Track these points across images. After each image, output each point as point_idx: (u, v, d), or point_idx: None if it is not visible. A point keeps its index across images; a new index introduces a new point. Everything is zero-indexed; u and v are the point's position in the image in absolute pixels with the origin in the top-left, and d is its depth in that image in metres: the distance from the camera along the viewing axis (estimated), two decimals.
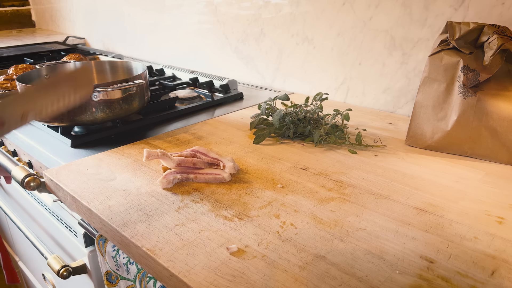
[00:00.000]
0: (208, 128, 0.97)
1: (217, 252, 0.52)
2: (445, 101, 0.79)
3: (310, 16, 1.19)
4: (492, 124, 0.75)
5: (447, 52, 0.77)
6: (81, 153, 0.85)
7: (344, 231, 0.56)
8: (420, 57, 0.99)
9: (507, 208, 0.61)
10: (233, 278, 0.47)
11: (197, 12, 1.56)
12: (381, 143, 0.86)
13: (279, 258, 0.50)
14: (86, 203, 0.64)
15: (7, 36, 2.46)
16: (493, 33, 0.73)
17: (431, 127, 0.81)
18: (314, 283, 0.46)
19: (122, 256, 0.64)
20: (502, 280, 0.46)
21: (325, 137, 0.85)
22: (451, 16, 0.92)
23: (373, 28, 1.06)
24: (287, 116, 0.91)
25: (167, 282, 0.50)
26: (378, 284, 0.46)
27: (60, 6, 2.42)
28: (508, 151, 0.75)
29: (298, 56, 1.27)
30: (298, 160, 0.78)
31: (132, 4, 1.87)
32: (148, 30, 1.84)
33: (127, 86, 0.88)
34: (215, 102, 1.18)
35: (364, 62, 1.11)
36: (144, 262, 0.54)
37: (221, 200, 0.64)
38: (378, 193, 0.66)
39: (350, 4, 1.09)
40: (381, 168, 0.75)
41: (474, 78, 0.74)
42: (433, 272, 0.48)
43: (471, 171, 0.74)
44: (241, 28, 1.41)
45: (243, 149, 0.84)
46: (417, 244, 0.53)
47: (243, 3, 1.37)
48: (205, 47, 1.58)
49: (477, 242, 0.53)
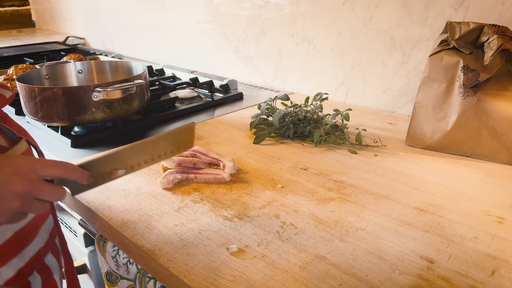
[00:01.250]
0: (208, 128, 0.97)
1: (217, 252, 0.52)
2: (445, 101, 0.79)
3: (310, 16, 1.19)
4: (492, 124, 0.75)
5: (447, 52, 0.77)
6: (81, 153, 0.85)
7: (344, 231, 0.56)
8: (420, 57, 0.99)
9: (507, 208, 0.61)
10: (233, 278, 0.47)
11: (197, 12, 1.56)
12: (381, 143, 0.86)
13: (279, 258, 0.50)
14: (86, 203, 0.64)
15: (7, 36, 2.46)
16: (493, 33, 0.73)
17: (431, 127, 0.81)
18: (314, 283, 0.46)
19: (122, 256, 0.64)
20: (502, 280, 0.46)
21: (325, 137, 0.85)
22: (451, 16, 0.92)
23: (373, 28, 1.06)
24: (287, 116, 0.91)
25: (167, 282, 0.50)
26: (378, 284, 0.46)
27: (60, 6, 2.42)
28: (508, 151, 0.75)
29: (298, 56, 1.27)
30: (298, 160, 0.78)
31: (132, 4, 1.87)
32: (148, 30, 1.84)
33: (127, 86, 0.88)
34: (215, 102, 1.18)
35: (364, 62, 1.11)
36: (144, 262, 0.54)
37: (221, 200, 0.64)
38: (378, 193, 0.66)
39: (350, 4, 1.09)
40: (381, 168, 0.75)
41: (474, 78, 0.74)
42: (433, 272, 0.48)
43: (471, 171, 0.74)
44: (241, 28, 1.41)
45: (243, 149, 0.84)
46: (417, 244, 0.53)
47: (243, 3, 1.37)
48: (205, 47, 1.58)
49: (477, 242, 0.53)
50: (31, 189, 0.41)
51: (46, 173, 0.43)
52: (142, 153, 0.52)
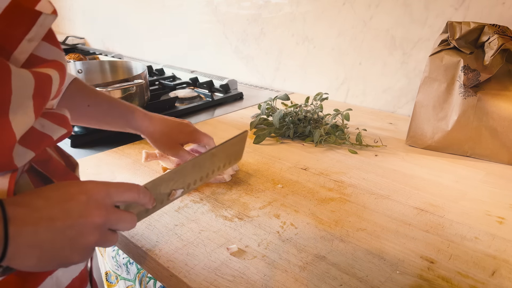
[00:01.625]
0: (208, 128, 0.97)
1: (217, 252, 0.51)
2: (446, 101, 0.79)
3: (310, 16, 1.19)
4: (492, 124, 0.75)
5: (448, 52, 0.77)
6: (81, 153, 0.85)
7: (345, 231, 0.56)
8: (421, 57, 0.99)
9: (508, 208, 0.61)
10: (233, 279, 0.47)
11: (197, 12, 1.56)
12: (382, 143, 0.86)
13: (279, 258, 0.50)
14: None
15: None
16: (494, 33, 0.72)
17: (432, 127, 0.81)
18: (315, 283, 0.46)
19: (122, 256, 0.64)
20: (503, 280, 0.46)
21: (325, 137, 0.85)
22: (451, 15, 0.92)
23: (374, 27, 1.06)
24: (287, 116, 0.91)
25: (167, 282, 0.50)
26: (378, 284, 0.46)
27: (60, 5, 2.42)
28: (508, 151, 0.75)
29: (298, 56, 1.27)
30: (298, 160, 0.78)
31: (132, 3, 1.87)
32: (148, 30, 1.84)
33: (127, 86, 0.88)
34: (215, 102, 1.18)
35: (364, 62, 1.11)
36: (144, 262, 0.54)
37: (221, 200, 0.64)
38: (378, 193, 0.66)
39: (351, 3, 1.08)
40: (382, 168, 0.75)
41: (475, 78, 0.74)
42: (434, 272, 0.47)
43: (472, 171, 0.74)
44: (241, 27, 1.40)
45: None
46: (417, 244, 0.53)
47: (243, 2, 1.37)
48: (205, 47, 1.58)
49: (478, 242, 0.53)
50: (109, 219, 0.36)
51: (121, 198, 0.38)
52: (200, 168, 0.49)
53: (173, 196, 0.47)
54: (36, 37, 0.35)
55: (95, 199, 0.35)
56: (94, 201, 0.35)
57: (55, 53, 0.39)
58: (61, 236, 0.33)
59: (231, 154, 0.55)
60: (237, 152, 0.56)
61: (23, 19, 0.33)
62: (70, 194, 0.35)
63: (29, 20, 0.34)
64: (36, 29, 0.34)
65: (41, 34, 0.36)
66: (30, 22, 0.34)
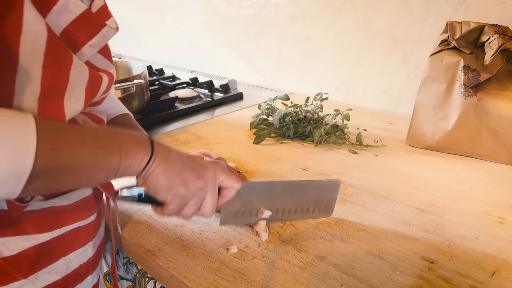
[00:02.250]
0: (208, 128, 0.97)
1: (217, 252, 0.51)
2: (446, 101, 0.79)
3: (310, 16, 1.19)
4: (492, 124, 0.74)
5: (448, 52, 0.77)
6: None
7: (345, 231, 0.55)
8: (421, 57, 0.99)
9: (508, 208, 0.61)
10: (233, 279, 0.47)
11: (197, 12, 1.56)
12: (382, 143, 0.86)
13: (279, 259, 0.50)
14: None
15: None
16: (494, 33, 0.72)
17: (432, 127, 0.81)
18: (315, 283, 0.46)
19: (122, 257, 0.64)
20: (503, 280, 0.46)
21: (326, 137, 0.85)
22: (451, 15, 0.91)
23: (374, 27, 1.06)
24: (287, 116, 0.91)
25: (167, 283, 0.50)
26: (378, 284, 0.46)
27: None
28: (508, 151, 0.75)
29: (298, 56, 1.26)
30: (298, 160, 0.78)
31: (132, 3, 1.87)
32: (148, 30, 1.84)
33: (127, 85, 0.88)
34: (215, 102, 1.17)
35: (364, 62, 1.11)
36: (144, 262, 0.54)
37: None
38: (378, 193, 0.66)
39: (351, 3, 1.08)
40: (382, 168, 0.75)
41: (475, 78, 0.74)
42: (434, 273, 0.47)
43: (472, 171, 0.73)
44: (241, 27, 1.40)
45: (243, 149, 0.84)
46: (417, 245, 0.52)
47: (243, 2, 1.36)
48: (205, 47, 1.58)
49: (478, 242, 0.53)
50: (214, 183, 0.43)
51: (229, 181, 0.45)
52: (290, 196, 0.51)
53: (261, 214, 0.50)
54: (97, 45, 0.42)
55: (224, 167, 0.45)
56: (222, 166, 0.45)
57: (107, 65, 0.47)
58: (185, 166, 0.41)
59: (321, 201, 0.53)
60: (328, 202, 0.54)
61: (91, 27, 0.41)
62: (201, 161, 0.44)
63: (95, 29, 0.41)
64: (99, 37, 0.41)
65: (102, 43, 0.43)
66: (95, 30, 0.41)
